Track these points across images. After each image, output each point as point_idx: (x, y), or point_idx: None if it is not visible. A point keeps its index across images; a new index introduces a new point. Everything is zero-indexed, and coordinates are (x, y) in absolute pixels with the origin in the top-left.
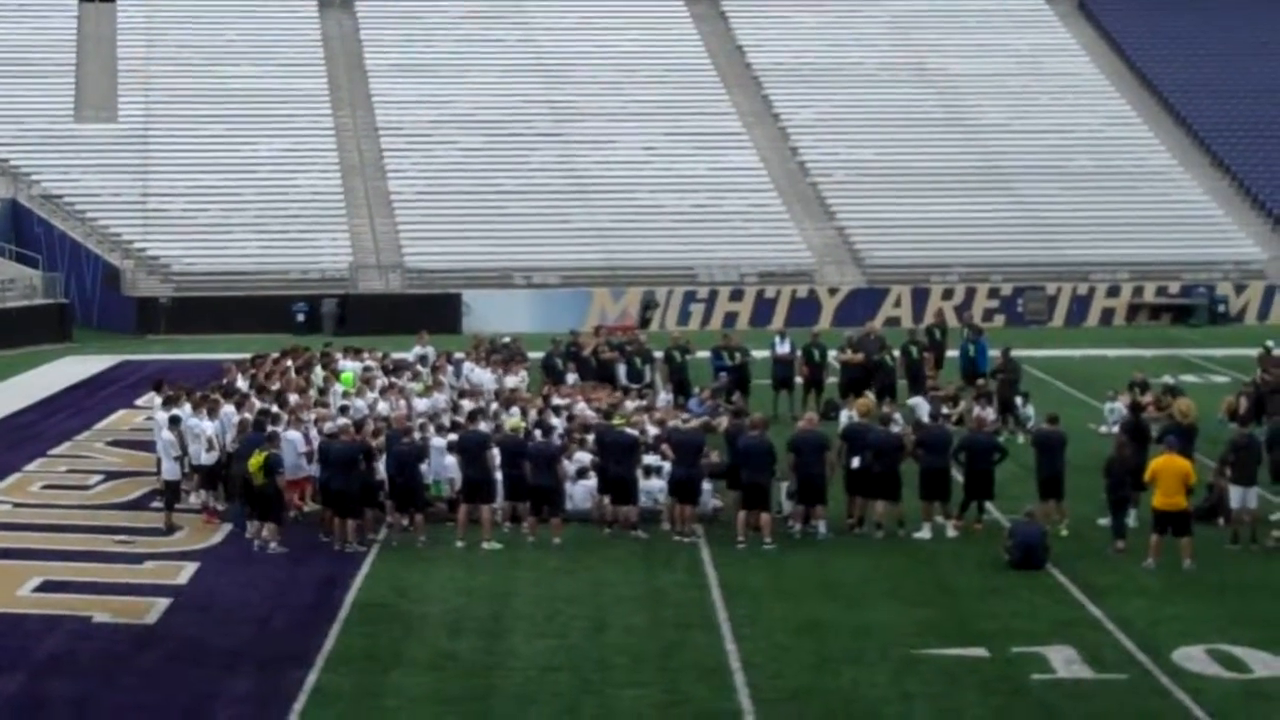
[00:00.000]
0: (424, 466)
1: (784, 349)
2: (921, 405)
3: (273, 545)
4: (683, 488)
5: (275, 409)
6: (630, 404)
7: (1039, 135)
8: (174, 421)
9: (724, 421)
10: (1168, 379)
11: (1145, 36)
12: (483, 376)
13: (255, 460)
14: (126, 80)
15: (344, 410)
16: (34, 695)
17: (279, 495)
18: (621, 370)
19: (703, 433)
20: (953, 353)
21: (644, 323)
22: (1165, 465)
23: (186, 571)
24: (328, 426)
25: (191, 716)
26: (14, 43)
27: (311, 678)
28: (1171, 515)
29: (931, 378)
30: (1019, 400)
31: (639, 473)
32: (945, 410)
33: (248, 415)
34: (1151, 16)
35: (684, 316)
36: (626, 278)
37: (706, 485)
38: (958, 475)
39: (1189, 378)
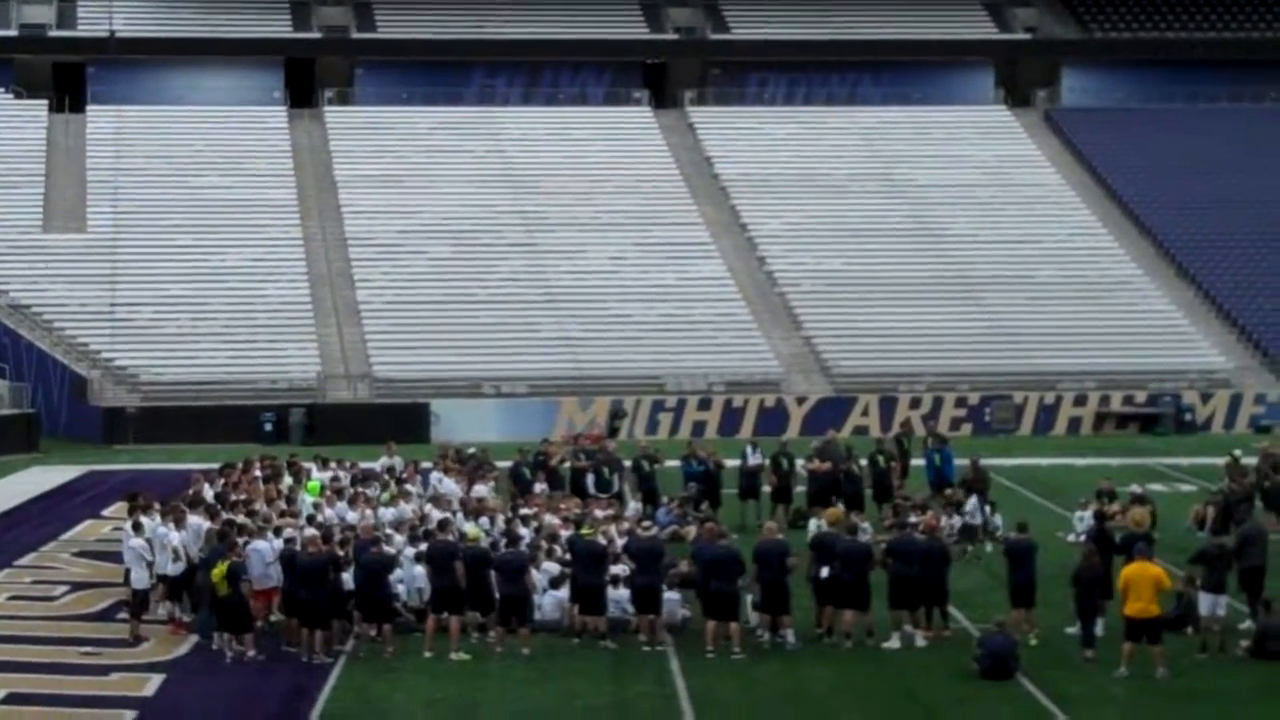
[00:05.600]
0: (393, 576)
1: (755, 460)
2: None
3: (250, 654)
4: (644, 596)
5: (242, 519)
6: (599, 513)
7: (1006, 246)
8: (137, 528)
9: (692, 531)
10: (1135, 488)
11: (1110, 149)
12: (450, 486)
13: (219, 570)
14: (95, 190)
15: (311, 520)
16: None
17: (245, 604)
18: (590, 480)
19: (661, 540)
20: (918, 461)
21: (612, 432)
22: (1137, 573)
23: (153, 683)
24: (287, 533)
25: None
26: None
27: None
28: (1144, 623)
29: (899, 488)
30: (987, 509)
31: (607, 582)
32: (913, 519)
33: (214, 525)
34: (1116, 129)
35: (652, 426)
36: (595, 387)
37: (675, 595)
38: None
39: (1156, 486)
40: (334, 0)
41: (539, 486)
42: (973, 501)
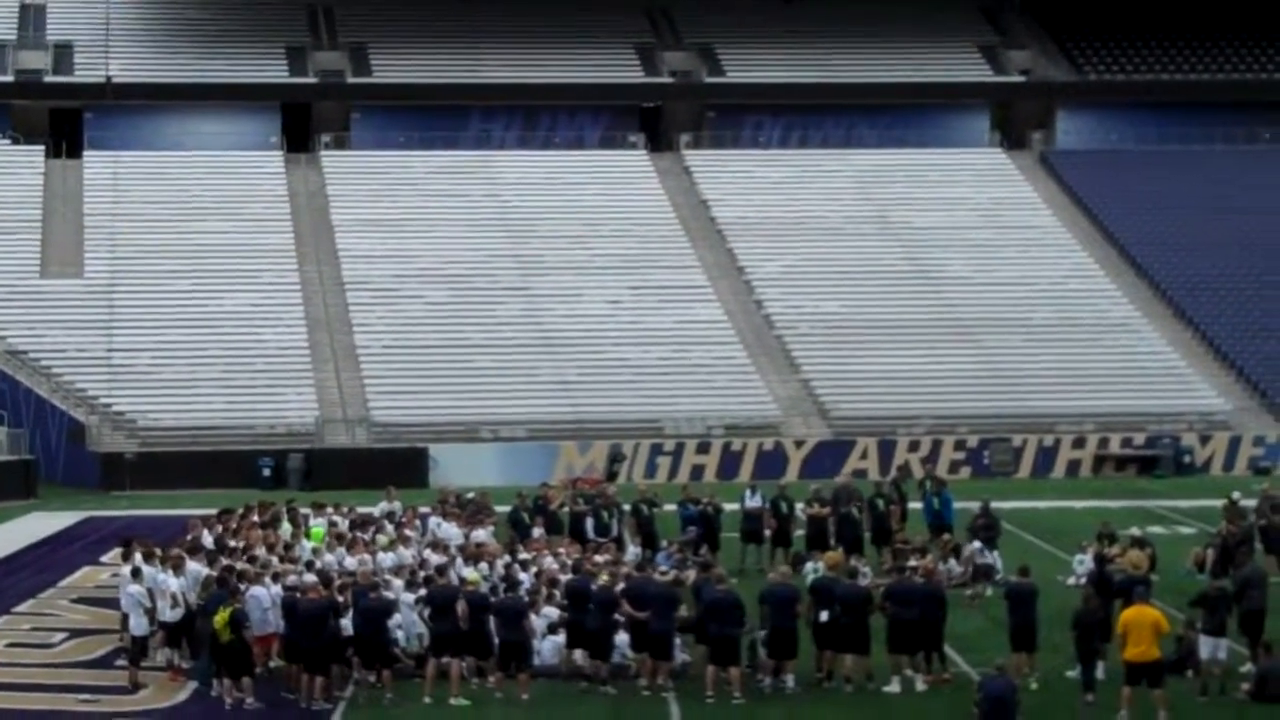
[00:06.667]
0: (392, 621)
1: (754, 502)
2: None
3: (249, 700)
4: (656, 643)
5: (240, 565)
6: (599, 558)
7: (1002, 288)
8: (135, 573)
9: (691, 575)
10: (1134, 531)
11: (1105, 190)
12: (450, 531)
13: (221, 616)
14: (93, 235)
15: (310, 566)
16: None
17: (247, 650)
18: (589, 524)
19: (675, 587)
20: (916, 505)
21: (611, 476)
22: (1136, 616)
23: None
24: (289, 580)
25: None
26: None
27: None
28: (1144, 666)
29: (898, 531)
30: (995, 553)
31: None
32: (913, 562)
33: (212, 571)
34: (1112, 171)
35: (651, 469)
36: (593, 431)
37: (676, 640)
38: None
39: (1155, 529)
40: (330, 45)
41: (537, 531)
42: (975, 545)
